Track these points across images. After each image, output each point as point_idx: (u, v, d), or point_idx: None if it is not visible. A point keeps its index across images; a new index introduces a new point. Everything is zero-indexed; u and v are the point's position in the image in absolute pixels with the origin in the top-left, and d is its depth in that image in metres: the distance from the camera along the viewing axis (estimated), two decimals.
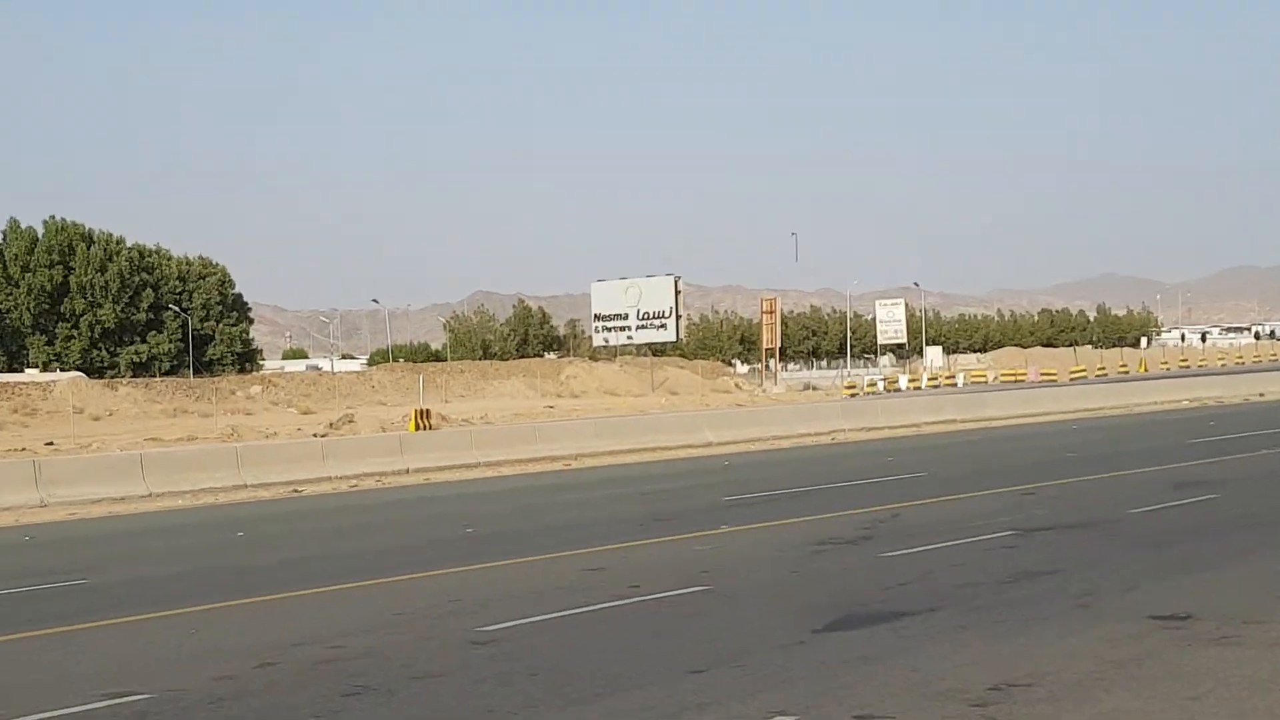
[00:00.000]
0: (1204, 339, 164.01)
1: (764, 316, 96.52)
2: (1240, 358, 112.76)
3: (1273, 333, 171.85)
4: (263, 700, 9.22)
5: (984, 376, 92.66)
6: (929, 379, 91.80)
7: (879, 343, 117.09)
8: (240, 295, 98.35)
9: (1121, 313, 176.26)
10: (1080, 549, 15.38)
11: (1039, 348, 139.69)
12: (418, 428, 41.26)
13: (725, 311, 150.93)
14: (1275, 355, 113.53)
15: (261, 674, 9.89)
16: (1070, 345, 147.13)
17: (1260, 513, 18.02)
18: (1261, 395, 52.09)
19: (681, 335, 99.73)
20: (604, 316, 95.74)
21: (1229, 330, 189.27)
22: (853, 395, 71.62)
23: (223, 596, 13.71)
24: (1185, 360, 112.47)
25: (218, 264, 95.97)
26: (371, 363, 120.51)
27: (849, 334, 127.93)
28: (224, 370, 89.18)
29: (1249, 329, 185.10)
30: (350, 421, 51.52)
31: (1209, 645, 9.71)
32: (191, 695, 9.33)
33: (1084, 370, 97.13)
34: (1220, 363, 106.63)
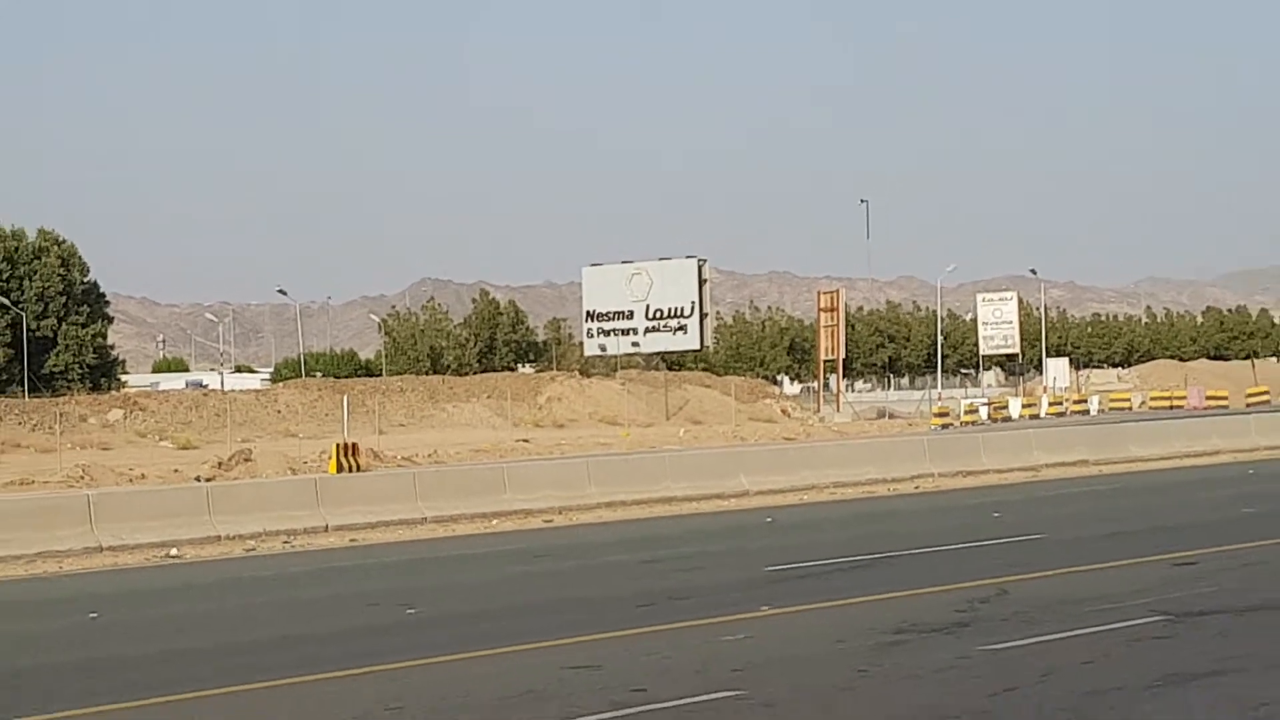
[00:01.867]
0: None
1: (822, 315, 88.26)
2: None
3: None
4: None
5: (1127, 400, 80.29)
6: (1051, 403, 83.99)
7: (981, 353, 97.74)
8: (95, 284, 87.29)
9: None
10: (1257, 642, 14.52)
11: (1203, 360, 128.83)
12: (341, 469, 38.86)
13: (769, 309, 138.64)
14: None
15: None
16: (1247, 357, 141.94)
17: None
18: None
19: (708, 341, 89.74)
20: (601, 315, 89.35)
21: None
22: (945, 426, 64.46)
23: (69, 703, 13.15)
24: None
25: (64, 240, 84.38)
26: (277, 378, 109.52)
27: (940, 341, 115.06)
28: (71, 387, 79.56)
29: None
30: (247, 460, 48.45)
31: None
32: None
33: (1266, 392, 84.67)
34: None
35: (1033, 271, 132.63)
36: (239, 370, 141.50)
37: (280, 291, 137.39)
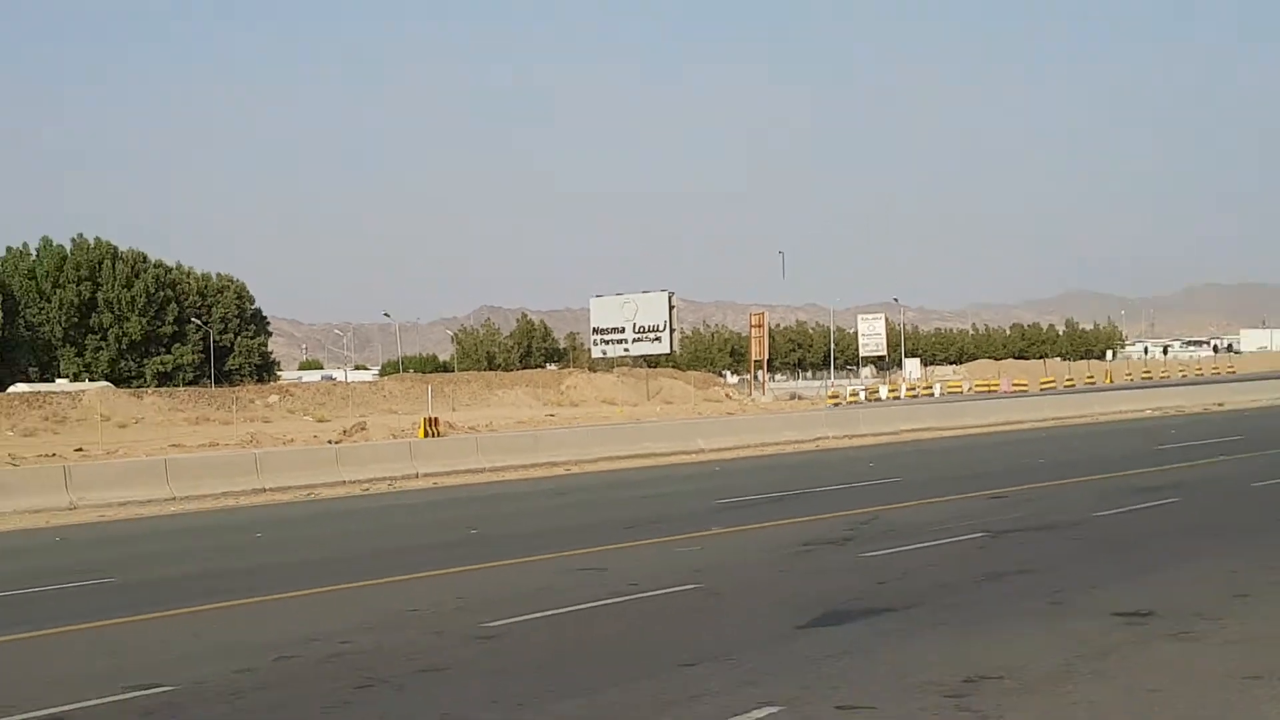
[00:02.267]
0: (1165, 352, 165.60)
1: (753, 330, 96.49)
2: (1200, 370, 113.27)
3: (1230, 346, 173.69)
4: (279, 693, 9.20)
5: (959, 387, 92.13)
6: (907, 389, 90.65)
7: (860, 355, 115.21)
8: (259, 310, 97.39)
9: (1088, 327, 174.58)
10: (1048, 550, 15.30)
11: (1011, 360, 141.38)
12: (426, 435, 40.81)
13: (716, 326, 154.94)
14: (1233, 368, 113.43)
15: (278, 667, 9.88)
16: (1040, 358, 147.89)
17: (1215, 516, 17.98)
18: (1220, 405, 51.23)
19: (675, 348, 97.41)
20: (602, 330, 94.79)
21: (1189, 344, 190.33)
22: (836, 404, 70.52)
23: (242, 594, 13.63)
24: (1148, 372, 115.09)
25: (236, 279, 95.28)
26: (383, 373, 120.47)
27: (832, 347, 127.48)
28: (243, 380, 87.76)
29: (1208, 343, 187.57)
30: (363, 429, 50.95)
31: (1168, 641, 9.80)
32: (211, 688, 9.28)
33: (1053, 381, 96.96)
34: (1181, 374, 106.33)
35: (895, 300, 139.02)
36: (357, 368, 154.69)
37: (385, 315, 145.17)
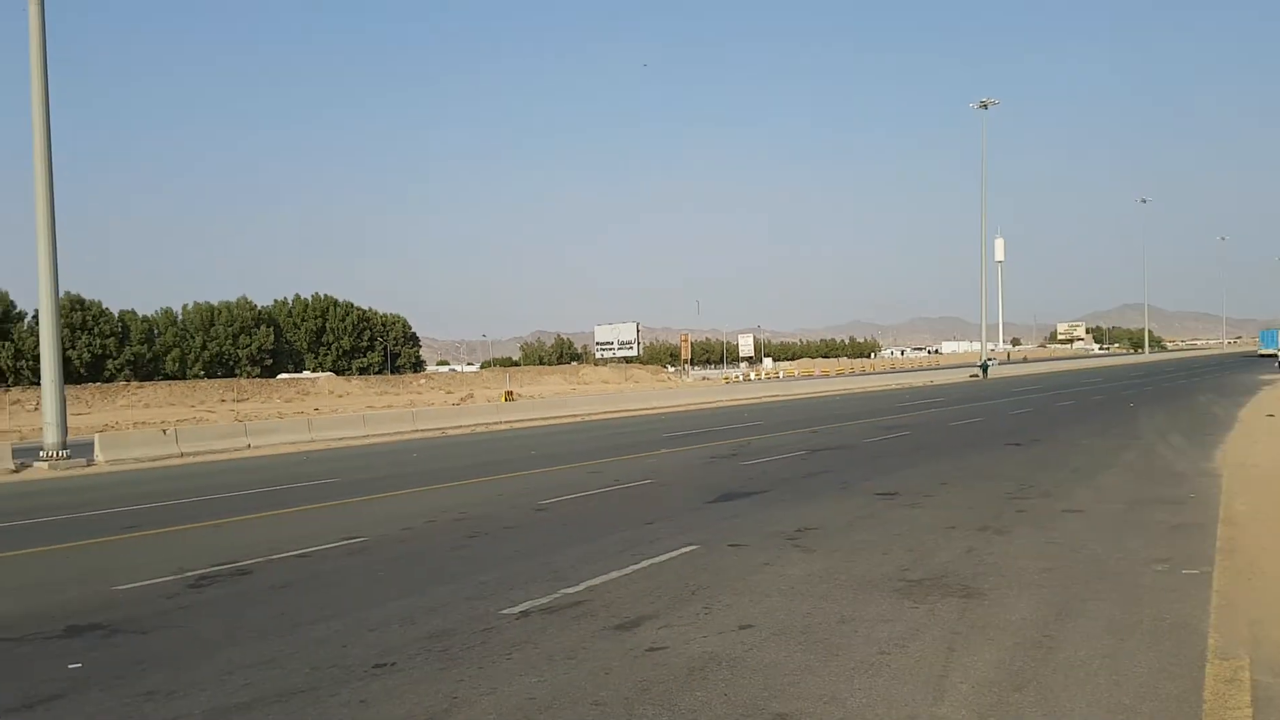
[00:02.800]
0: (903, 353, 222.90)
1: (682, 343, 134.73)
2: (922, 363, 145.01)
3: (937, 350, 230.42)
4: (427, 540, 11.22)
5: (794, 373, 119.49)
6: (766, 374, 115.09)
7: (740, 355, 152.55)
8: (414, 333, 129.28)
9: (862, 339, 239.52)
10: (839, 460, 18.11)
11: (821, 358, 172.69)
12: (507, 400, 50.56)
13: (661, 341, 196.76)
14: (938, 363, 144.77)
15: (427, 526, 12.15)
16: (837, 356, 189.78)
17: (929, 441, 21.58)
18: (931, 382, 63.37)
19: (640, 353, 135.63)
20: (601, 343, 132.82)
21: (916, 349, 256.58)
22: (728, 382, 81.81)
23: (407, 486, 16.45)
24: (894, 364, 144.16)
25: (401, 316, 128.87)
26: (482, 367, 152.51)
27: (725, 351, 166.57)
28: (405, 371, 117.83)
29: (925, 349, 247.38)
30: (471, 397, 66.20)
31: (905, 507, 12.27)
32: (390, 537, 11.52)
33: (844, 369, 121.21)
34: (911, 365, 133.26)
35: (759, 326, 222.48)
36: (468, 364, 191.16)
37: (483, 335, 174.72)
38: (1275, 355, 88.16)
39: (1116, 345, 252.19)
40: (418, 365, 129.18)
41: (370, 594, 8.72)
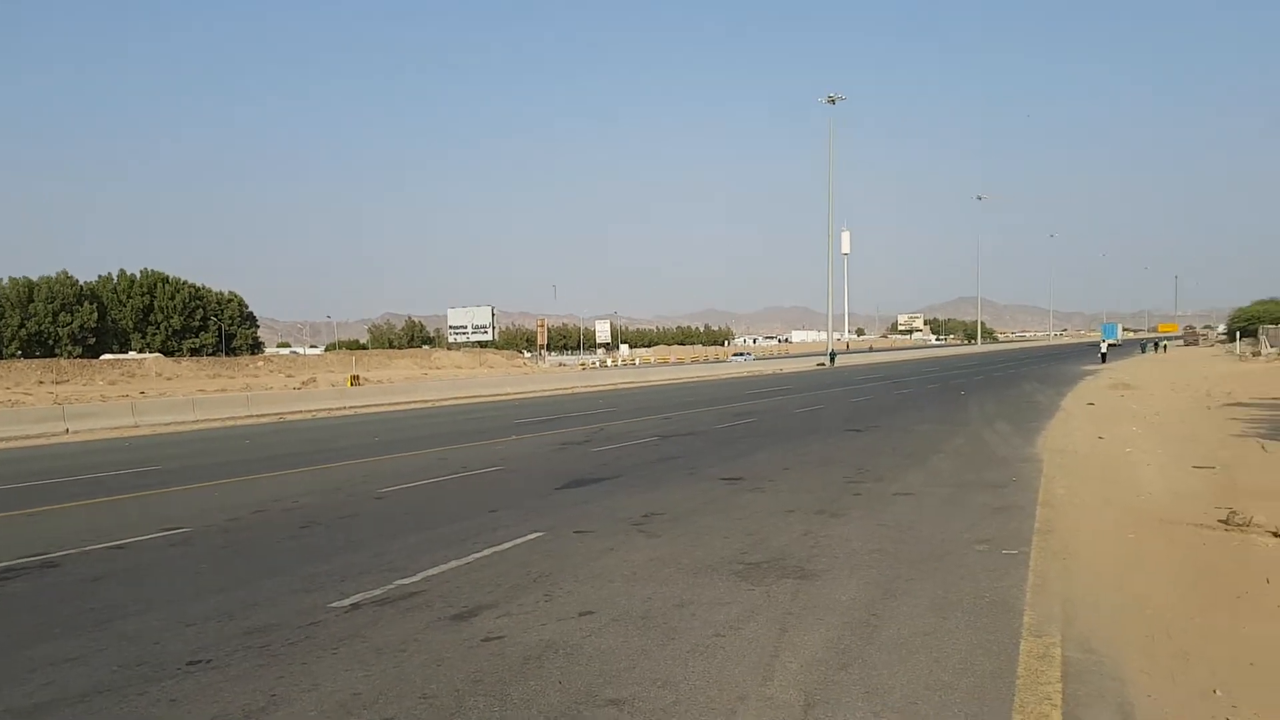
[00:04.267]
0: (755, 342, 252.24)
1: (539, 328, 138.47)
2: (772, 351, 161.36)
3: (787, 339, 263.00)
4: (255, 531, 10.91)
5: (649, 360, 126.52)
6: (623, 361, 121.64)
7: (598, 341, 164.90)
8: (252, 313, 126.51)
9: (716, 328, 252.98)
10: (689, 446, 18.40)
11: (677, 345, 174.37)
12: (352, 384, 50.85)
13: (517, 326, 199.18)
14: (787, 351, 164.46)
15: (255, 516, 11.78)
16: (692, 344, 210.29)
17: (775, 428, 22.09)
18: (781, 370, 67.48)
19: (495, 337, 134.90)
20: (455, 327, 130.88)
21: (768, 338, 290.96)
22: (584, 369, 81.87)
23: (236, 475, 15.96)
24: (746, 352, 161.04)
25: (238, 294, 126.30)
26: (327, 350, 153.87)
27: (583, 337, 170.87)
28: (243, 353, 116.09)
29: (776, 338, 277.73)
30: (314, 381, 65.80)
31: (749, 492, 12.55)
32: (214, 528, 11.10)
33: (699, 356, 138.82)
34: (761, 353, 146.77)
35: (615, 312, 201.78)
36: (311, 347, 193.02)
37: (328, 316, 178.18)
38: (1118, 345, 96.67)
39: (952, 336, 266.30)
40: (255, 347, 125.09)
41: (190, 588, 8.38)
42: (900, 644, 6.40)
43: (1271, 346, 68.64)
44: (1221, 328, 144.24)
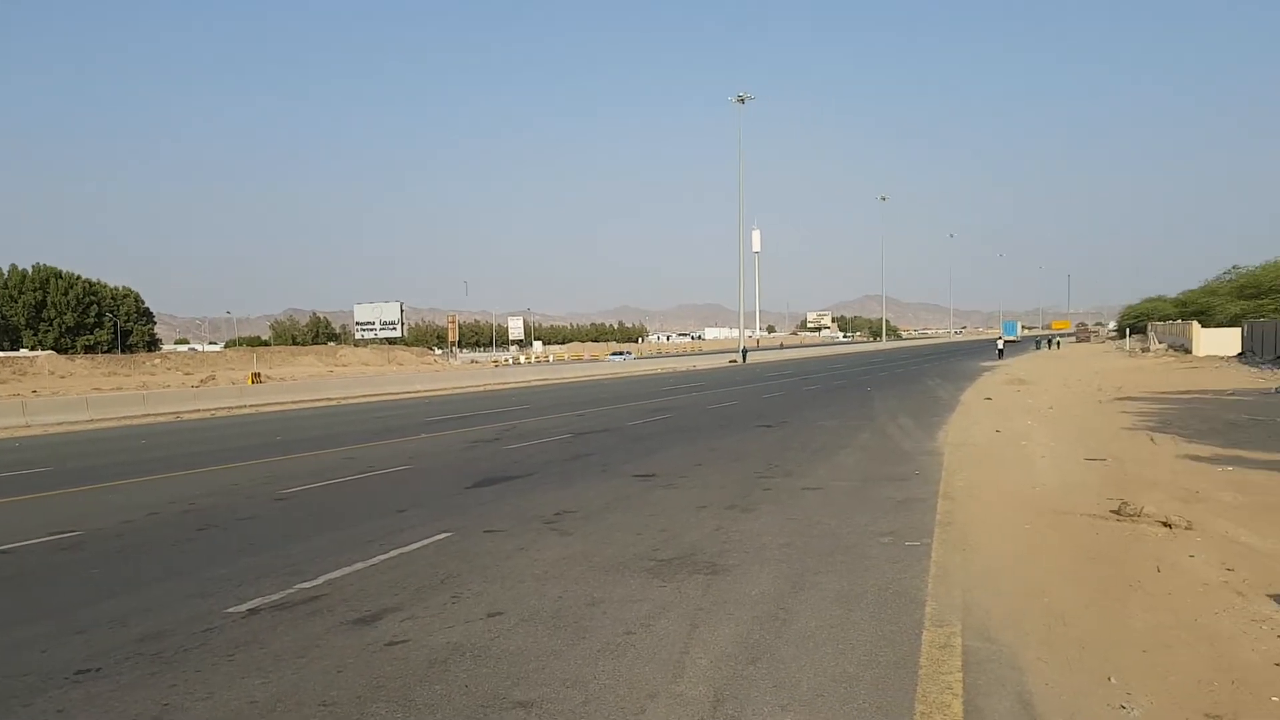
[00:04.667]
0: (669, 339, 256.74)
1: (449, 324, 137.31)
2: (688, 349, 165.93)
3: (700, 336, 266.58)
4: (150, 534, 10.61)
5: (563, 357, 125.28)
6: (536, 358, 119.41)
7: (511, 338, 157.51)
8: (148, 308, 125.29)
9: (630, 325, 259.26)
10: (603, 443, 18.50)
11: (591, 343, 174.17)
12: (254, 382, 49.71)
13: (428, 323, 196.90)
14: (699, 349, 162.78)
15: (150, 519, 11.52)
16: (606, 341, 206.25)
17: (688, 424, 22.28)
18: (694, 367, 68.21)
19: (405, 334, 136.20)
20: (362, 323, 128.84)
21: (682, 335, 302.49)
22: (497, 366, 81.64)
23: (131, 476, 15.59)
24: (660, 349, 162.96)
25: (134, 290, 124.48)
26: (227, 346, 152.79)
27: (495, 334, 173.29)
28: (139, 350, 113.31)
29: (689, 335, 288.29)
30: (213, 379, 64.60)
31: (662, 488, 12.65)
32: (107, 532, 10.79)
33: (579, 354, 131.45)
34: (678, 350, 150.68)
35: (529, 309, 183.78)
36: (210, 344, 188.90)
37: (227, 313, 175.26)
38: (1016, 341, 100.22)
39: (859, 333, 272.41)
40: (152, 344, 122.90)
41: (80, 594, 8.06)
42: (808, 637, 6.45)
43: (1160, 342, 71.75)
44: (1112, 325, 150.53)
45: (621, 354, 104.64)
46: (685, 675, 5.79)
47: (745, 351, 76.78)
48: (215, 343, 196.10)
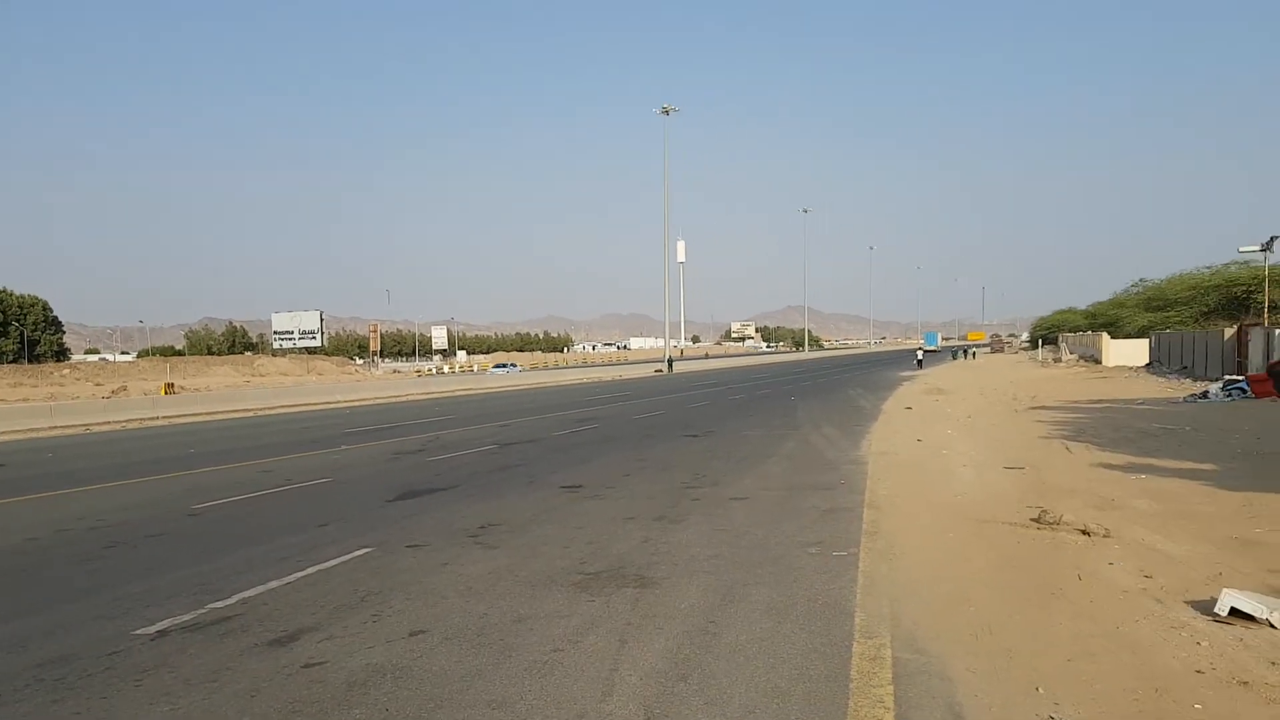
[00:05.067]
0: (594, 349, 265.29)
1: (371, 334, 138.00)
2: (613, 358, 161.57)
3: (626, 345, 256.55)
4: (53, 552, 10.30)
5: (488, 366, 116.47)
6: (460, 367, 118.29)
7: (434, 347, 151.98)
8: (57, 317, 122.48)
9: (556, 334, 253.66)
10: (529, 453, 18.42)
11: (515, 352, 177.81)
12: (167, 393, 48.65)
13: (350, 332, 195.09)
14: (625, 358, 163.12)
15: (55, 536, 11.16)
16: (533, 350, 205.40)
17: (615, 434, 22.29)
18: (620, 376, 69.17)
19: (325, 344, 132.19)
20: (281, 333, 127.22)
21: (607, 344, 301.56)
22: (420, 375, 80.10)
23: (36, 491, 15.07)
24: (586, 359, 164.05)
25: (41, 298, 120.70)
26: (140, 356, 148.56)
27: (418, 343, 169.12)
28: (47, 360, 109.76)
29: (615, 345, 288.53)
30: (124, 390, 64.50)
31: (589, 499, 12.45)
32: (7, 549, 10.50)
33: (538, 363, 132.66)
34: (603, 360, 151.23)
35: (452, 318, 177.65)
36: (122, 354, 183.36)
37: (140, 322, 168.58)
38: (935, 351, 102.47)
39: (782, 344, 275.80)
40: (61, 354, 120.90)
41: None
42: (738, 650, 6.38)
43: (1071, 353, 73.96)
44: (1025, 335, 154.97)
45: (505, 366, 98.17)
46: (615, 693, 5.67)
47: (671, 361, 77.16)
48: (127, 353, 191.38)
